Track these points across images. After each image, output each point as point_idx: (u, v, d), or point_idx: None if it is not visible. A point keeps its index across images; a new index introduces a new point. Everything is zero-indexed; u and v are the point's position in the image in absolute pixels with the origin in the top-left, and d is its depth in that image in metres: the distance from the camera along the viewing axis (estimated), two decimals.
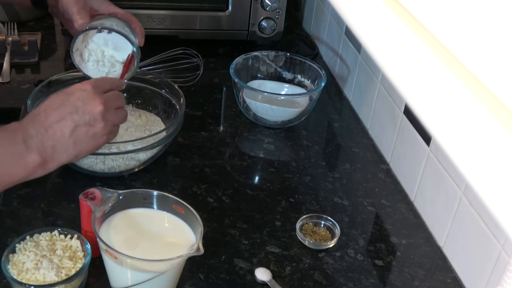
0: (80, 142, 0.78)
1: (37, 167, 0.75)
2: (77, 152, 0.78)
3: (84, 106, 0.78)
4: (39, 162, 0.74)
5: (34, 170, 0.75)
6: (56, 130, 0.75)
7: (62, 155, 0.77)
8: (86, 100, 0.78)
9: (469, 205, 0.87)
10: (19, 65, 1.33)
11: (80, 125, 0.77)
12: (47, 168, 0.76)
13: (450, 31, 0.30)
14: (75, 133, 0.77)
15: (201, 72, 1.33)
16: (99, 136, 0.79)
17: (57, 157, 0.76)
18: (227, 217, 0.97)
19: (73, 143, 0.77)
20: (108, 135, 0.81)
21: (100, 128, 0.79)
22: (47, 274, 0.77)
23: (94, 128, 0.78)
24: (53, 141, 0.75)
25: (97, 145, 0.80)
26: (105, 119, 0.79)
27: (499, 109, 0.27)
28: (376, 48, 0.38)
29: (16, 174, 0.74)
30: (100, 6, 1.00)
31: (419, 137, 1.01)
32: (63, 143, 0.76)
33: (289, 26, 1.58)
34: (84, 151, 0.79)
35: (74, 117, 0.77)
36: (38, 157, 0.74)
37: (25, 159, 0.73)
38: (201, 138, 1.17)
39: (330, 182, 1.08)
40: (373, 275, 0.90)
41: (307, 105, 1.20)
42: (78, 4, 0.97)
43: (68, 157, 0.78)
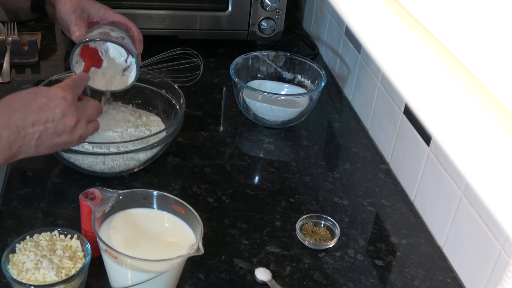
0: (42, 146, 0.79)
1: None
2: (34, 153, 0.79)
3: (61, 117, 0.78)
4: (1, 162, 0.76)
5: None
6: (28, 133, 0.76)
7: (21, 154, 0.78)
8: (64, 111, 0.78)
9: (469, 205, 0.87)
10: (19, 65, 1.33)
11: (50, 132, 0.78)
12: (4, 163, 0.77)
13: (450, 31, 0.30)
14: (41, 138, 0.78)
15: (201, 72, 1.33)
16: (60, 145, 0.80)
17: (16, 156, 0.78)
18: (227, 217, 0.97)
19: (35, 146, 0.78)
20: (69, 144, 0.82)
21: (64, 139, 0.80)
22: (47, 274, 0.77)
23: (59, 137, 0.79)
24: (21, 142, 0.76)
25: (53, 149, 0.81)
26: (73, 132, 0.80)
27: (499, 109, 0.27)
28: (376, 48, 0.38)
29: None
30: (97, 12, 1.00)
31: (419, 137, 1.01)
32: (28, 145, 0.77)
33: (289, 26, 1.58)
34: (40, 153, 0.80)
35: (47, 124, 0.77)
36: (1, 158, 0.75)
37: None
38: (201, 138, 1.17)
39: (330, 182, 1.08)
40: (373, 275, 0.90)
41: (307, 105, 1.20)
42: (75, 14, 0.97)
43: (25, 155, 0.79)
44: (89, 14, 0.99)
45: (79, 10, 0.98)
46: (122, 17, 1.01)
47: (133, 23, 1.01)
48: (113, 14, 1.01)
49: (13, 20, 1.43)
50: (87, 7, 0.99)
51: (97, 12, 1.00)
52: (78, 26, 0.97)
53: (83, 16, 0.98)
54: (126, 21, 1.01)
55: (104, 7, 1.01)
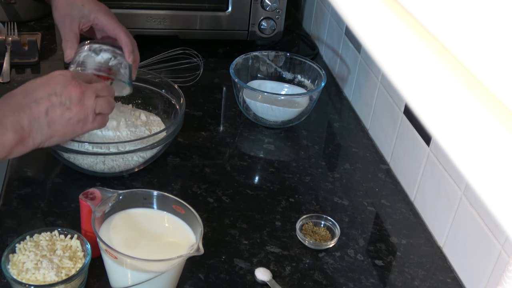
0: (55, 123, 0.78)
1: (14, 145, 0.75)
2: (51, 132, 0.78)
3: (63, 89, 0.78)
4: (16, 140, 0.75)
5: (12, 149, 0.76)
6: (33, 108, 0.76)
7: (37, 134, 0.77)
8: (65, 84, 0.79)
9: (469, 205, 0.87)
10: (19, 65, 1.33)
11: (56, 106, 0.78)
12: (25, 146, 0.77)
13: (450, 31, 0.30)
14: (51, 113, 0.77)
15: (201, 72, 1.33)
16: (74, 120, 0.80)
17: (32, 136, 0.77)
18: (227, 217, 0.97)
19: (47, 123, 0.77)
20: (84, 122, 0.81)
21: (76, 112, 0.79)
22: (47, 274, 0.77)
23: (70, 111, 0.79)
24: (29, 119, 0.76)
25: (73, 130, 0.80)
26: (82, 104, 0.79)
27: (499, 109, 0.27)
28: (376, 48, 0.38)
29: None
30: (88, 16, 0.99)
31: (419, 137, 1.01)
32: (39, 122, 0.77)
33: (289, 26, 1.58)
34: (59, 133, 0.79)
35: (51, 99, 0.77)
36: (14, 135, 0.75)
37: (2, 138, 0.74)
38: (201, 138, 1.17)
39: (330, 182, 1.08)
40: (373, 275, 0.90)
41: (307, 105, 1.20)
42: (64, 26, 0.97)
43: (43, 137, 0.78)
44: (79, 21, 0.99)
45: (68, 19, 0.98)
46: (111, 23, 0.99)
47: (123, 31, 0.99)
48: (103, 18, 0.99)
49: (13, 20, 1.43)
50: (76, 14, 0.98)
51: (87, 17, 0.99)
52: (68, 43, 0.97)
53: (73, 27, 0.98)
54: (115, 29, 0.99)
55: (94, 9, 0.99)
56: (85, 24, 0.99)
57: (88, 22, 1.00)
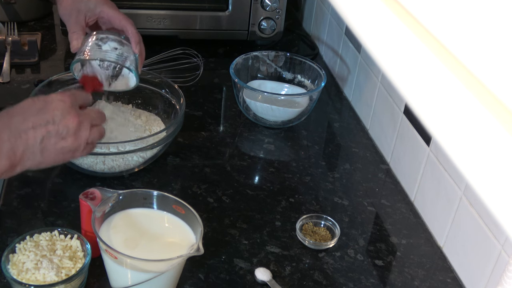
0: (47, 152, 0.77)
1: (4, 171, 0.75)
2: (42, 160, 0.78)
3: (61, 118, 0.77)
4: (7, 167, 0.74)
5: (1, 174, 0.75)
6: (29, 135, 0.75)
7: (28, 161, 0.76)
8: (64, 113, 0.78)
9: (469, 205, 0.87)
10: (19, 65, 1.33)
11: (52, 135, 0.77)
12: (14, 172, 0.76)
13: (450, 31, 0.30)
14: (46, 141, 0.76)
15: (201, 72, 1.33)
16: (66, 150, 0.79)
17: (23, 163, 0.76)
18: (227, 217, 0.97)
19: (40, 151, 0.77)
20: (74, 152, 0.81)
21: (70, 143, 0.79)
22: (47, 274, 0.77)
23: (64, 141, 0.78)
24: (24, 146, 0.75)
25: (62, 158, 0.80)
26: (77, 135, 0.79)
27: (499, 109, 0.27)
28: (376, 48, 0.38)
29: None
30: (93, 10, 0.99)
31: (419, 137, 1.01)
32: (32, 149, 0.76)
33: (289, 26, 1.58)
34: (48, 161, 0.79)
35: (48, 127, 0.77)
36: (7, 162, 0.74)
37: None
38: (201, 138, 1.17)
39: (330, 182, 1.08)
40: (373, 275, 0.90)
41: (307, 105, 1.20)
42: (71, 18, 0.97)
43: (33, 163, 0.77)
44: (85, 14, 0.99)
45: (75, 12, 0.98)
46: (117, 15, 0.99)
47: (130, 22, 0.99)
48: (109, 11, 0.99)
49: (13, 20, 1.43)
50: (82, 7, 0.98)
51: (93, 10, 0.99)
52: (75, 34, 0.97)
53: (79, 19, 0.98)
54: (122, 20, 0.99)
55: (100, 2, 0.99)
56: (90, 17, 0.99)
57: (94, 15, 0.99)
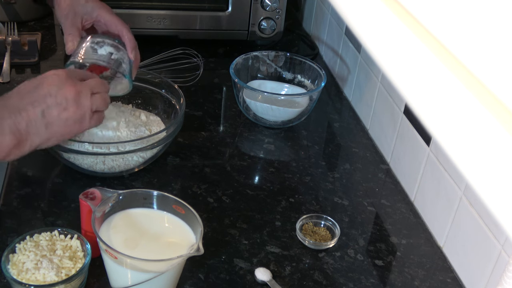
0: (52, 125, 0.78)
1: (12, 148, 0.75)
2: (49, 135, 0.78)
3: (58, 90, 0.78)
4: (14, 143, 0.75)
5: (9, 151, 0.75)
6: (29, 111, 0.76)
7: (35, 137, 0.77)
8: (60, 85, 0.78)
9: (469, 205, 0.87)
10: (19, 65, 1.33)
11: (53, 107, 0.77)
12: (22, 149, 0.77)
13: (450, 31, 0.30)
14: (47, 115, 0.77)
15: (201, 72, 1.33)
16: (72, 121, 0.79)
17: (30, 139, 0.76)
18: (227, 217, 0.97)
19: (45, 125, 0.77)
20: (81, 121, 0.80)
21: (73, 112, 0.78)
22: (47, 274, 0.77)
23: (66, 111, 0.78)
24: (26, 122, 0.75)
25: (70, 130, 0.80)
26: (78, 103, 0.79)
27: (499, 109, 0.27)
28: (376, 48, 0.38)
29: None
30: (90, 14, 0.99)
31: (419, 137, 1.01)
32: (36, 124, 0.76)
33: (289, 26, 1.58)
34: (57, 134, 0.79)
35: (47, 100, 0.77)
36: (12, 138, 0.74)
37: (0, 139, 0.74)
38: (201, 138, 1.17)
39: (330, 182, 1.08)
40: (373, 275, 0.90)
41: (307, 105, 1.20)
42: (67, 21, 0.97)
43: (41, 139, 0.78)
44: (82, 17, 0.99)
45: (71, 15, 0.98)
46: (114, 19, 0.99)
47: (126, 27, 0.99)
48: (106, 15, 0.99)
49: (13, 20, 1.43)
50: (79, 10, 0.98)
51: (90, 13, 0.99)
52: (71, 36, 0.97)
53: (76, 22, 0.98)
54: (118, 25, 0.99)
55: (97, 6, 1.00)
56: (87, 20, 1.00)
57: (90, 18, 1.00)
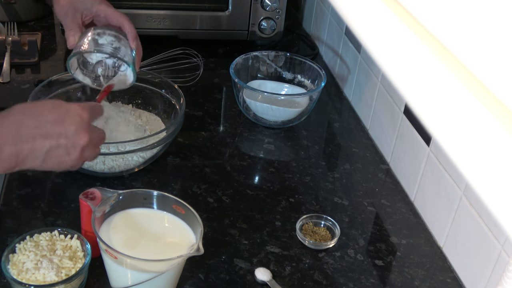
0: (48, 161, 0.76)
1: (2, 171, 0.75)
2: (40, 166, 0.77)
3: (74, 134, 0.76)
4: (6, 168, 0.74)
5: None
6: (37, 144, 0.74)
7: (28, 163, 0.75)
8: (78, 129, 0.76)
9: (469, 205, 0.87)
10: (19, 65, 1.33)
11: (61, 148, 0.76)
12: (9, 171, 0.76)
13: (450, 31, 0.30)
14: (51, 153, 0.75)
15: (201, 72, 1.33)
16: (66, 164, 0.78)
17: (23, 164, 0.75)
18: (227, 217, 0.97)
19: (43, 159, 0.75)
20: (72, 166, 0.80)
21: (72, 159, 0.77)
22: (47, 274, 0.77)
23: (68, 156, 0.77)
24: (28, 151, 0.74)
25: (58, 168, 0.79)
26: (82, 154, 0.78)
27: (499, 109, 0.27)
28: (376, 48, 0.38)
29: None
30: (90, 9, 0.99)
31: (419, 137, 1.01)
32: (35, 155, 0.75)
33: (289, 26, 1.58)
34: (46, 167, 0.78)
35: (60, 140, 0.75)
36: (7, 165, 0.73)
37: None
38: (201, 138, 1.17)
39: (330, 182, 1.08)
40: (373, 275, 0.90)
41: (307, 105, 1.20)
42: (67, 17, 0.97)
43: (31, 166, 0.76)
44: (82, 13, 0.99)
45: (71, 11, 0.98)
46: (114, 12, 0.99)
47: (126, 18, 0.99)
48: (105, 9, 0.99)
49: (13, 20, 1.43)
50: (79, 6, 0.98)
51: (89, 9, 0.99)
52: (72, 31, 0.97)
53: (76, 18, 0.98)
54: (119, 17, 0.99)
55: (96, 1, 0.99)
56: (87, 16, 0.99)
57: (90, 14, 1.00)
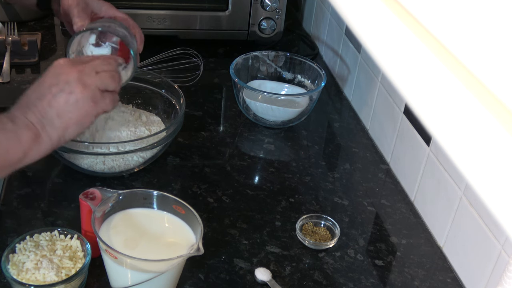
0: (63, 112, 0.76)
1: (30, 142, 0.74)
2: (64, 124, 0.77)
3: (58, 77, 0.77)
4: (31, 136, 0.74)
5: (29, 146, 0.74)
6: (38, 105, 0.75)
7: (51, 128, 0.76)
8: (59, 71, 0.77)
9: (469, 205, 0.87)
10: (19, 65, 1.33)
11: (58, 95, 0.76)
12: (42, 144, 0.76)
13: (450, 31, 0.30)
14: (54, 104, 0.76)
15: (201, 72, 1.33)
16: (82, 103, 0.77)
17: (46, 131, 0.76)
18: (227, 217, 0.97)
19: (56, 114, 0.76)
20: (94, 101, 0.78)
21: (80, 93, 0.76)
22: (47, 274, 0.77)
23: (73, 94, 0.76)
24: (36, 116, 0.75)
25: (84, 113, 0.78)
26: (83, 83, 0.77)
27: (499, 109, 0.27)
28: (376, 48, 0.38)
29: (12, 150, 0.74)
30: (100, 8, 1.00)
31: (419, 137, 1.01)
32: (47, 116, 0.75)
33: (289, 26, 1.58)
34: (72, 121, 0.77)
35: (52, 90, 0.76)
36: (28, 131, 0.74)
37: (16, 134, 0.73)
38: (201, 138, 1.17)
39: (330, 182, 1.08)
40: (373, 275, 0.90)
41: (307, 105, 1.20)
42: (78, 7, 0.97)
43: (58, 130, 0.76)
44: (93, 9, 0.99)
45: (82, 4, 0.98)
46: (125, 15, 1.01)
47: (136, 24, 1.01)
48: (116, 12, 1.00)
49: (13, 20, 1.43)
50: (90, 2, 0.99)
51: (100, 8, 1.00)
52: (81, 18, 0.96)
53: (86, 10, 0.98)
54: (129, 20, 1.01)
55: (107, 4, 1.01)
56: (96, 14, 1.00)
57: (99, 12, 1.00)
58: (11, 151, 0.74)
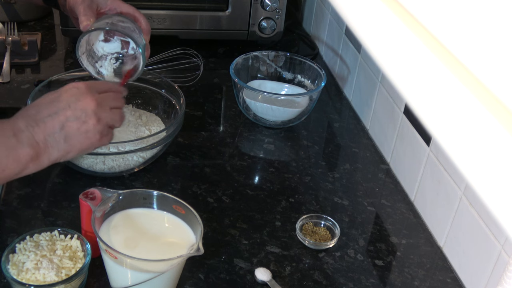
0: (71, 138, 0.76)
1: (29, 161, 0.73)
2: (68, 148, 0.77)
3: (77, 102, 0.76)
4: (31, 156, 0.73)
5: (26, 164, 0.74)
6: (47, 123, 0.74)
7: (53, 150, 0.75)
8: (79, 97, 0.77)
9: (469, 205, 0.87)
10: (19, 65, 1.33)
11: (72, 120, 0.76)
12: (40, 163, 0.75)
13: (450, 31, 0.30)
14: (66, 128, 0.75)
15: (201, 72, 1.33)
16: (91, 134, 0.78)
17: (48, 152, 0.75)
18: (227, 217, 0.97)
19: (64, 138, 0.75)
20: (101, 135, 0.79)
21: (92, 125, 0.77)
22: (47, 274, 0.77)
23: (86, 124, 0.77)
24: (44, 134, 0.74)
25: (89, 144, 0.79)
26: (98, 116, 0.78)
27: (499, 109, 0.27)
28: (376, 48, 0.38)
29: (9, 168, 0.73)
30: (105, 2, 0.99)
31: (419, 137, 1.01)
32: (54, 137, 0.75)
33: (289, 26, 1.58)
34: (75, 148, 0.77)
35: (66, 113, 0.76)
36: (30, 150, 0.73)
37: (17, 152, 0.72)
38: (201, 138, 1.17)
39: (330, 182, 1.08)
40: (373, 275, 0.90)
41: (307, 105, 1.20)
42: (83, 4, 0.97)
43: (59, 153, 0.76)
44: (98, 4, 0.99)
45: (88, 0, 0.98)
46: (130, 7, 1.00)
47: (142, 14, 1.00)
48: (122, 5, 1.00)
49: (13, 20, 1.43)
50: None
51: (105, 2, 1.00)
52: (87, 16, 0.95)
53: (92, 6, 0.98)
54: (135, 12, 1.00)
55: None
56: (102, 9, 1.00)
57: (106, 7, 1.00)
58: (7, 169, 0.73)
